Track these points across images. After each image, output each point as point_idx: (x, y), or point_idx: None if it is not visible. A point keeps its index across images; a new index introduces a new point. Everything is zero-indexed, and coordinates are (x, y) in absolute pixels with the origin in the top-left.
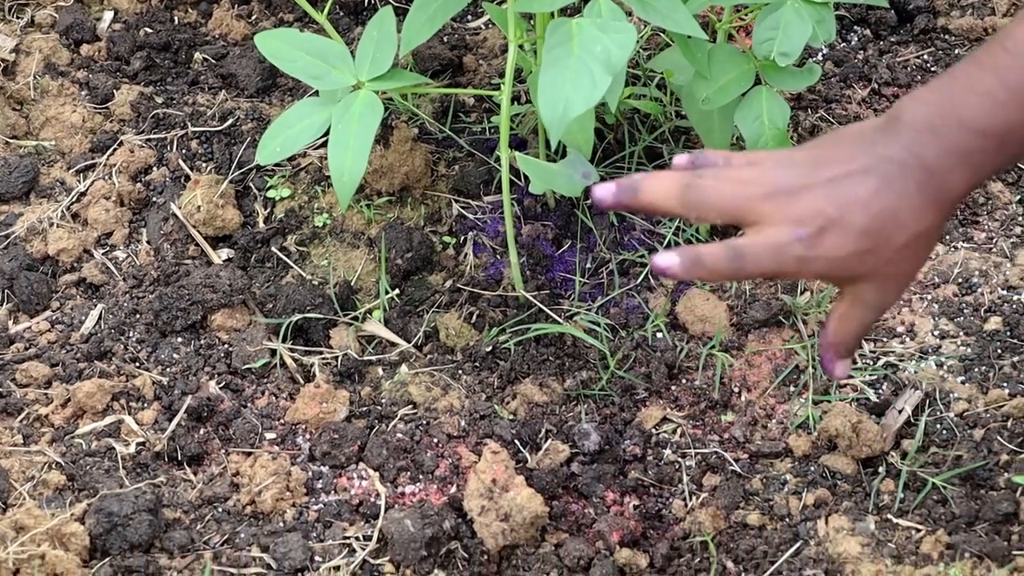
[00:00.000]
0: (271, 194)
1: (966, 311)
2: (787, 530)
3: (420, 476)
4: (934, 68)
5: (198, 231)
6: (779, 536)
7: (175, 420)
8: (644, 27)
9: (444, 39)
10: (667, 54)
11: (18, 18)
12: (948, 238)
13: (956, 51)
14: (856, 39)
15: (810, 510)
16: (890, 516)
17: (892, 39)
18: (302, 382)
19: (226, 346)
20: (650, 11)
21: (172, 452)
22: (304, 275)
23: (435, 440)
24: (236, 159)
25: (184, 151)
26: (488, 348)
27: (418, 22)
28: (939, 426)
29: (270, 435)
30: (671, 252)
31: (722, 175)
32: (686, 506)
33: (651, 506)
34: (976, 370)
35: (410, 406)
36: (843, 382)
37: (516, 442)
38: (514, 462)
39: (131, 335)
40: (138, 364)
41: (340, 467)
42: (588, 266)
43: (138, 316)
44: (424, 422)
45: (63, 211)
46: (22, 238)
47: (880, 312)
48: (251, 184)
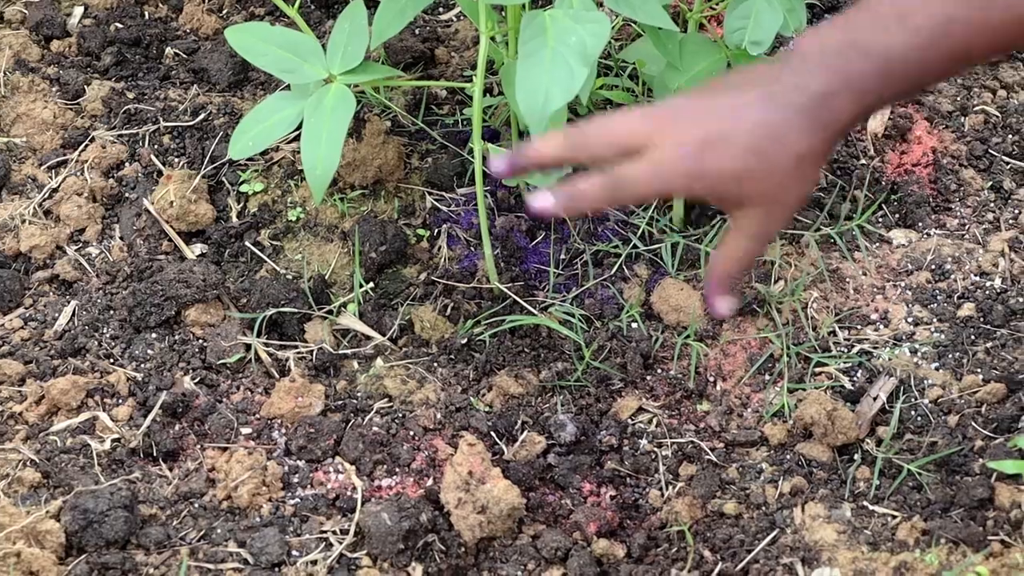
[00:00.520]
0: (244, 188)
1: (939, 298)
2: (763, 518)
3: (396, 469)
4: None
5: (171, 226)
6: (756, 525)
7: (150, 416)
8: (615, 18)
9: (416, 31)
10: (638, 44)
11: None
12: (920, 225)
13: None
14: None
15: (786, 498)
16: (866, 503)
17: None
18: (277, 376)
19: (200, 341)
20: (621, 2)
21: (147, 448)
22: (278, 269)
23: (411, 433)
24: (208, 154)
25: (156, 146)
26: (463, 340)
27: (389, 15)
28: (914, 413)
29: (246, 430)
30: (545, 191)
31: (608, 114)
32: (663, 496)
33: (628, 496)
34: (950, 356)
35: (386, 399)
36: (818, 369)
37: (492, 434)
38: (490, 454)
39: (105, 331)
40: (112, 360)
41: (316, 461)
42: (562, 257)
43: (112, 312)
44: (400, 415)
45: (35, 208)
46: None
47: (764, 242)
48: (224, 179)
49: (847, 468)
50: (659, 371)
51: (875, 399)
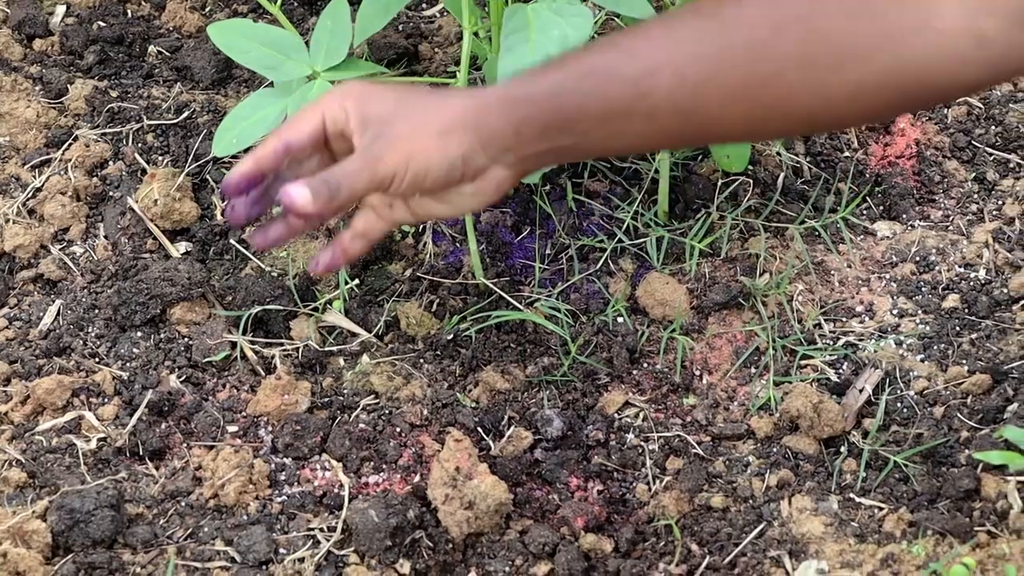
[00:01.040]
0: None
1: (924, 289)
2: (751, 512)
3: (383, 466)
4: None
5: (155, 225)
6: (743, 518)
7: (136, 415)
8: (598, 11)
9: (399, 27)
10: None
11: None
12: (905, 216)
13: None
14: None
15: (773, 491)
16: (853, 495)
17: None
18: (263, 374)
19: (186, 340)
20: None
21: (133, 447)
22: (263, 267)
23: (398, 429)
24: (192, 152)
25: (140, 145)
26: (449, 336)
27: (372, 11)
28: (899, 404)
29: (232, 428)
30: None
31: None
32: (650, 490)
33: (615, 491)
34: (935, 348)
35: (372, 396)
36: (803, 362)
37: (479, 430)
38: (477, 450)
39: (90, 330)
40: (98, 359)
41: (303, 458)
42: (547, 252)
43: (97, 311)
44: (386, 412)
45: (19, 207)
46: None
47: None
48: (208, 176)
49: (833, 460)
50: (645, 365)
51: (861, 391)
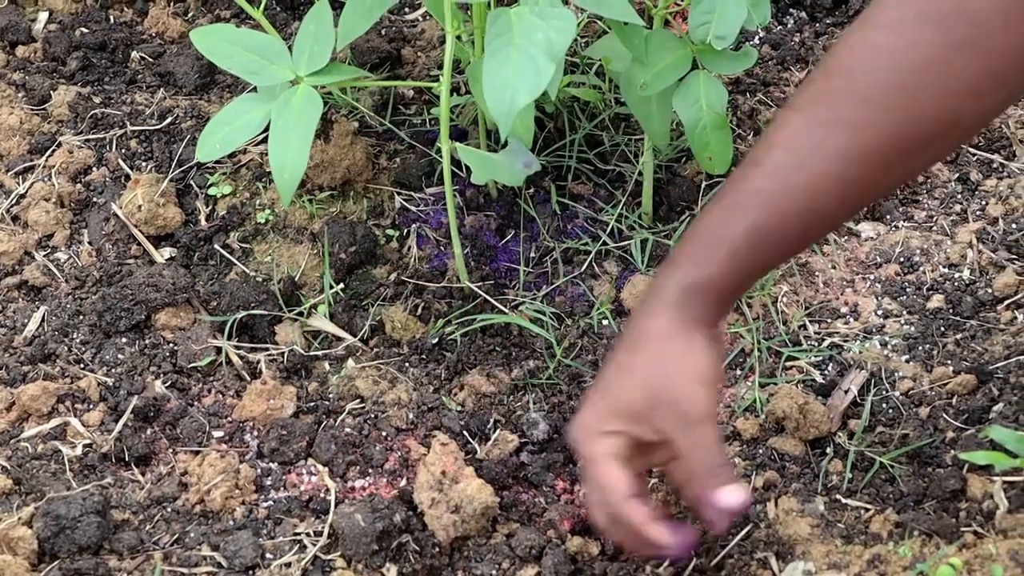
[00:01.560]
0: (212, 191)
1: (908, 290)
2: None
3: (369, 470)
4: None
5: (140, 230)
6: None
7: (121, 421)
8: (581, 14)
9: (382, 32)
10: (604, 41)
11: None
12: (888, 217)
13: None
14: (792, 22)
15: (759, 492)
16: (839, 496)
17: (828, 21)
18: (248, 379)
19: (171, 345)
20: None
21: (119, 453)
22: (248, 272)
23: (383, 433)
24: (176, 157)
25: (123, 151)
26: (434, 340)
27: (355, 15)
28: (885, 405)
29: (218, 433)
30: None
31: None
32: None
33: None
34: (920, 348)
35: (357, 400)
36: (789, 364)
37: (465, 433)
38: (463, 453)
39: (75, 336)
40: (83, 365)
41: (289, 463)
42: (532, 255)
43: (81, 317)
44: (372, 416)
45: (2, 214)
46: None
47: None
48: (192, 182)
49: (820, 462)
50: None
51: (846, 392)
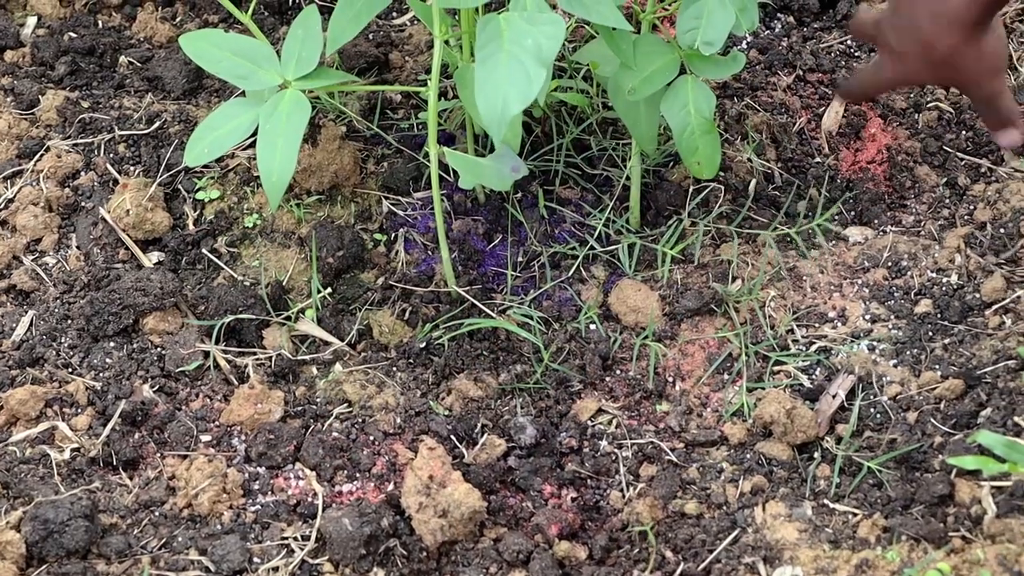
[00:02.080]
0: (200, 196)
1: (896, 294)
2: (725, 518)
3: (357, 474)
4: (857, 53)
5: (128, 235)
6: (717, 524)
7: (109, 425)
8: (569, 19)
9: (370, 36)
10: (592, 46)
11: None
12: (876, 222)
13: None
14: (780, 26)
15: (747, 497)
16: (827, 501)
17: (815, 25)
18: (236, 383)
19: (159, 349)
20: (575, 3)
21: (107, 457)
22: (236, 276)
23: (371, 438)
24: (164, 162)
25: (112, 155)
26: (422, 344)
27: (343, 20)
28: (873, 410)
29: (205, 437)
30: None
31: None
32: (623, 497)
33: (589, 498)
34: (908, 353)
35: (345, 404)
36: (776, 368)
37: (452, 438)
38: (451, 458)
39: (63, 341)
40: (71, 370)
41: (276, 467)
42: (519, 260)
43: (69, 322)
44: (360, 420)
45: None
46: None
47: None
48: (180, 186)
49: (807, 466)
50: (618, 372)
51: (834, 397)
